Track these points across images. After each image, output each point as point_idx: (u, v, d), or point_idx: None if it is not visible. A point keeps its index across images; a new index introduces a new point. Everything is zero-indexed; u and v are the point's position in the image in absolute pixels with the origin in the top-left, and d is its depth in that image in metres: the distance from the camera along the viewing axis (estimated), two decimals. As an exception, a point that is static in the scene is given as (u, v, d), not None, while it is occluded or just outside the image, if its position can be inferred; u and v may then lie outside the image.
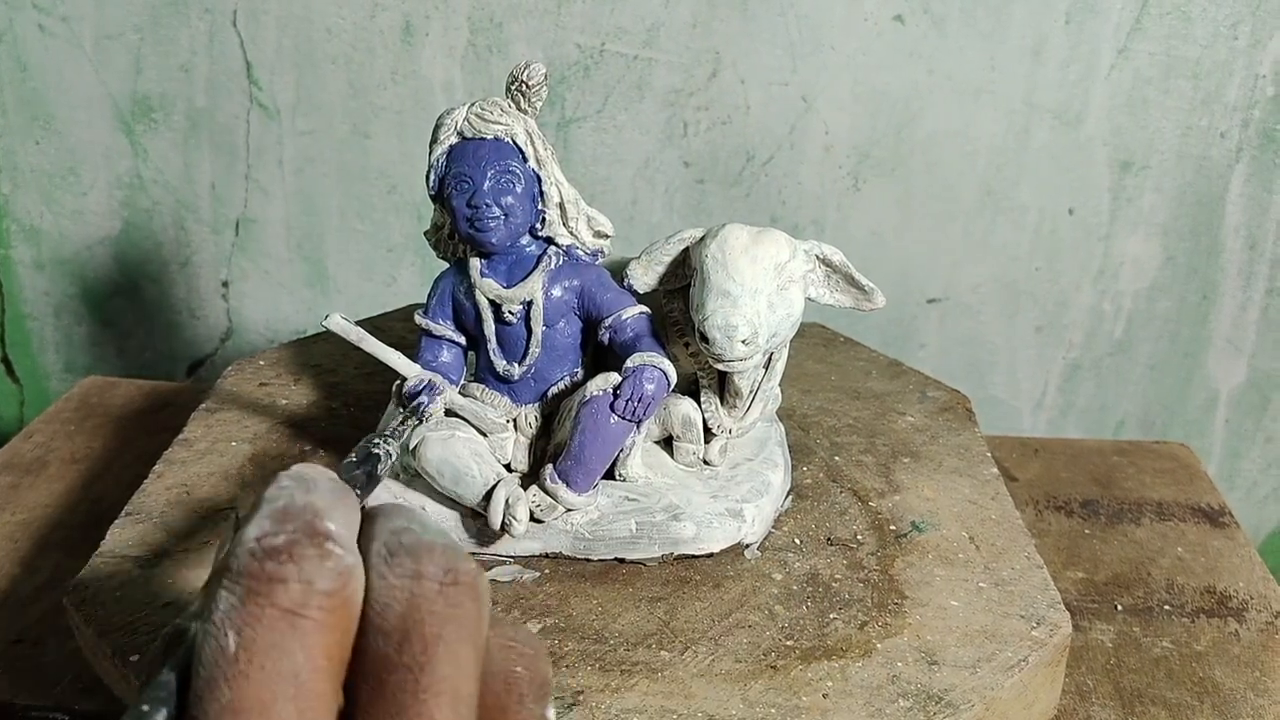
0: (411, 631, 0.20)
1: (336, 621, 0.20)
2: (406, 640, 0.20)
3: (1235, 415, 0.97)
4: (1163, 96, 0.86)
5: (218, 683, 0.19)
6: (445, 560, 0.22)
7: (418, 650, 0.20)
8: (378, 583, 0.21)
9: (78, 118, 0.93)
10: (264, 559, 0.20)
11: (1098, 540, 0.63)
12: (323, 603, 0.20)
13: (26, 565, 0.59)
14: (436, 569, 0.21)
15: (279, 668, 0.19)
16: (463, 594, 0.21)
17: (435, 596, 0.21)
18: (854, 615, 0.46)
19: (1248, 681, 0.52)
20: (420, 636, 0.20)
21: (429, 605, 0.21)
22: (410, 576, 0.21)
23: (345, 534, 0.21)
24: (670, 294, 0.52)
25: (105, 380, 0.80)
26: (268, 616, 0.20)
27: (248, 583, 0.20)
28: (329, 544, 0.21)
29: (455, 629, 0.21)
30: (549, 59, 0.87)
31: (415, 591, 0.21)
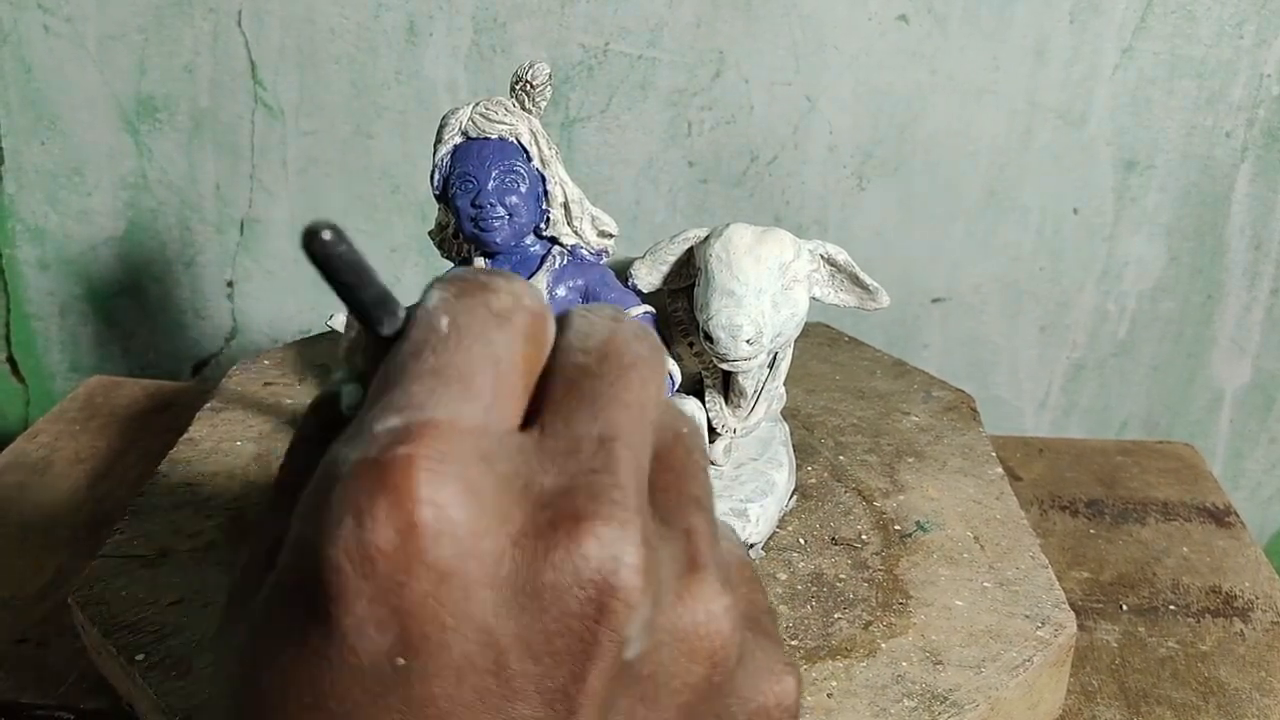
0: (610, 354, 0.22)
1: (535, 335, 0.22)
2: (605, 359, 0.22)
3: (1240, 415, 0.97)
4: (1167, 96, 0.86)
5: (424, 351, 0.21)
6: (638, 322, 0.24)
7: (614, 365, 0.22)
8: (579, 320, 0.23)
9: (82, 118, 0.93)
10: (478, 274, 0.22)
11: (1102, 540, 0.63)
12: (527, 316, 0.22)
13: (31, 564, 0.59)
14: (633, 324, 0.24)
15: (484, 350, 0.21)
16: (652, 348, 0.23)
17: (631, 339, 0.23)
18: (858, 615, 0.46)
19: (1253, 681, 0.52)
20: (618, 358, 0.22)
21: (626, 341, 0.23)
22: (611, 318, 0.23)
23: None
24: (674, 293, 0.52)
25: (110, 380, 0.80)
26: (479, 311, 0.21)
27: (464, 285, 0.22)
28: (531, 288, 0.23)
29: (646, 365, 0.22)
30: (553, 59, 0.87)
31: (615, 329, 0.23)
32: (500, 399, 0.21)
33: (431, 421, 0.19)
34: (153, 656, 0.44)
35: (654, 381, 0.23)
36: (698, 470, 0.24)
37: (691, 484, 0.23)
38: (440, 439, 0.19)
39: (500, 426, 0.21)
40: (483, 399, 0.20)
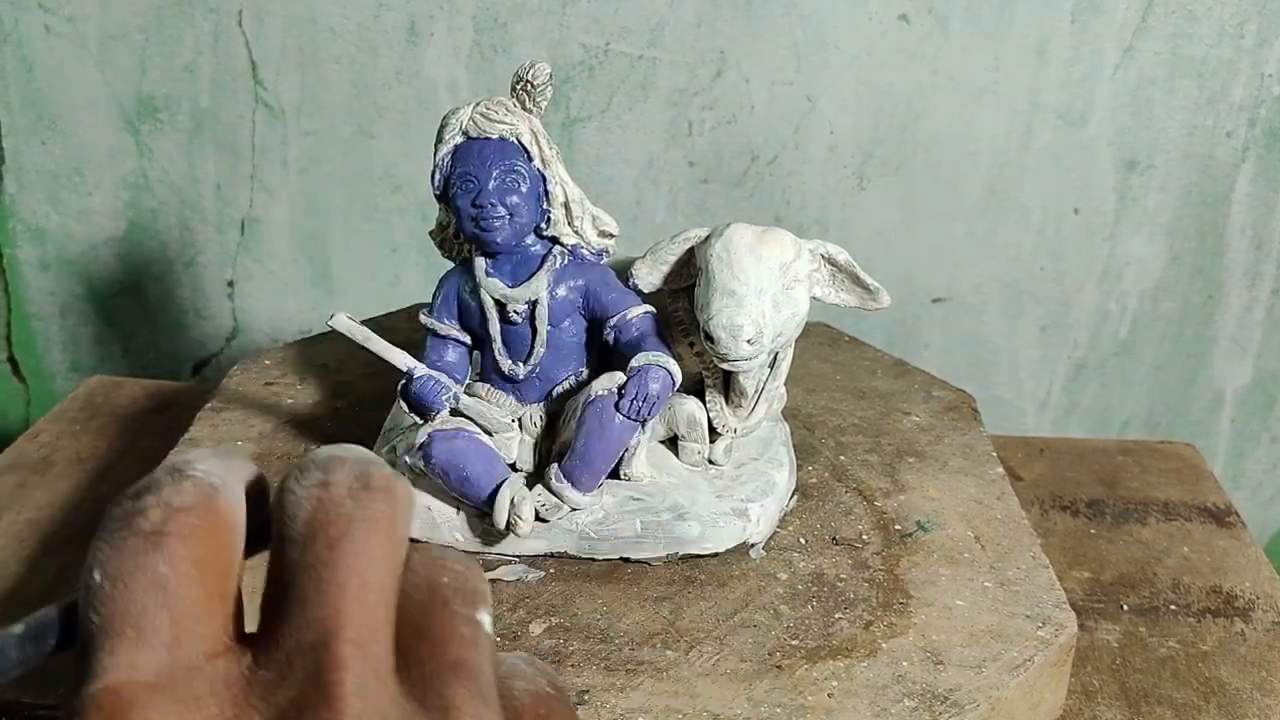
0: (316, 533, 0.20)
1: (202, 534, 0.20)
2: (311, 541, 0.20)
3: (1241, 415, 0.97)
4: (1168, 96, 0.86)
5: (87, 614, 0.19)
6: (356, 468, 0.21)
7: (321, 548, 0.20)
8: (287, 498, 0.21)
9: (83, 118, 0.93)
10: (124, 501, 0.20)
11: (1103, 540, 0.63)
12: (183, 518, 0.20)
13: (32, 564, 0.59)
14: (346, 475, 0.21)
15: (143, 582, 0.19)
16: (374, 496, 0.21)
17: (343, 499, 0.20)
18: (859, 615, 0.46)
19: (1254, 681, 0.52)
20: (325, 536, 0.20)
21: (336, 508, 0.20)
22: (318, 485, 0.21)
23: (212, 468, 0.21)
24: (675, 293, 0.52)
25: (111, 380, 0.80)
26: (129, 544, 0.19)
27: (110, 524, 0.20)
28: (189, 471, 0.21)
29: (363, 526, 0.20)
30: (553, 59, 0.87)
31: (322, 497, 0.20)
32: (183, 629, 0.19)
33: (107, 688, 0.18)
34: (153, 656, 0.44)
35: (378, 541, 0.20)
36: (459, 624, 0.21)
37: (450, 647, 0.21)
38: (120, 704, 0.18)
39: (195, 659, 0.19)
40: (160, 637, 0.19)
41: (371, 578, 0.20)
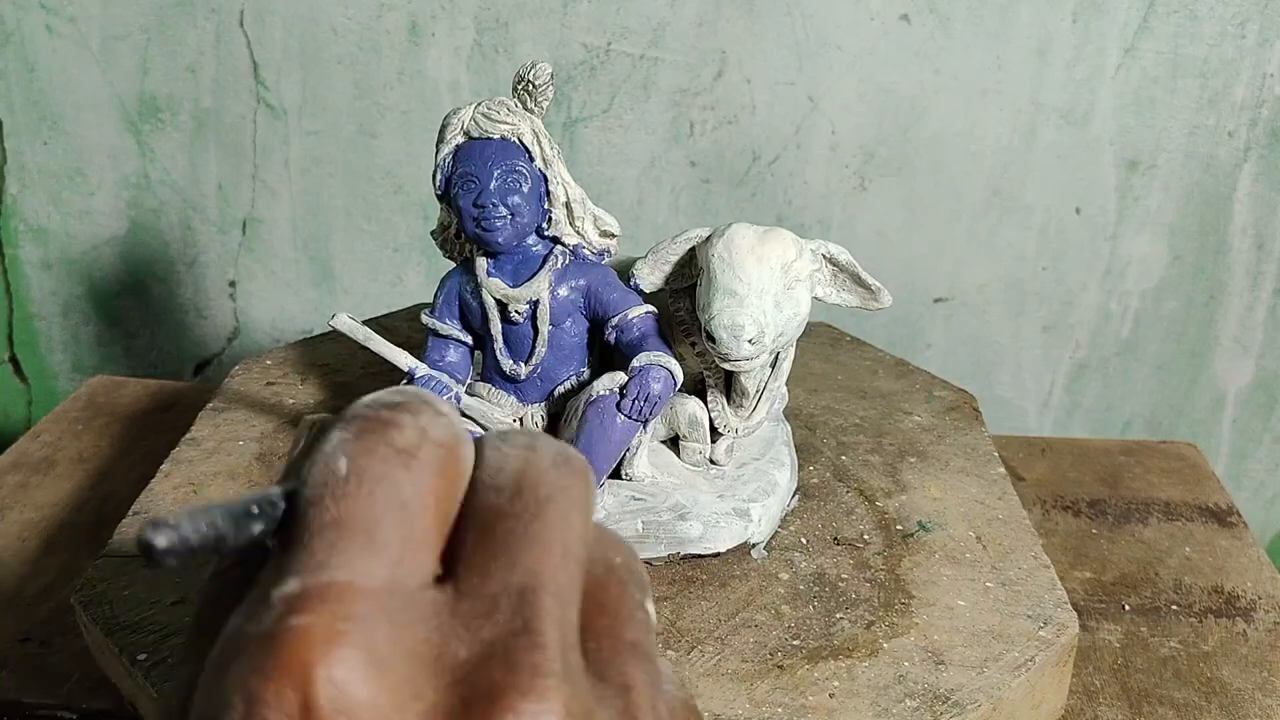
0: (525, 488, 0.20)
1: (446, 470, 0.20)
2: (519, 494, 0.20)
3: (1243, 415, 0.97)
4: (1170, 96, 0.86)
5: (324, 500, 0.19)
6: (558, 446, 0.22)
7: (529, 502, 0.20)
8: (492, 453, 0.21)
9: (85, 118, 0.93)
10: (380, 408, 0.20)
11: (1105, 540, 0.63)
12: (435, 450, 0.20)
13: (34, 564, 0.59)
14: (550, 449, 0.22)
15: (388, 495, 0.19)
16: (575, 473, 0.21)
17: (548, 468, 0.21)
18: (860, 615, 0.46)
19: (1255, 681, 0.52)
20: (534, 493, 0.20)
21: (542, 472, 0.21)
22: (525, 448, 0.21)
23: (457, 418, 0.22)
24: (676, 293, 0.52)
25: (112, 380, 0.80)
26: (381, 451, 0.20)
27: (362, 423, 0.20)
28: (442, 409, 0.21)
29: (565, 496, 0.21)
30: (555, 59, 0.87)
31: (530, 459, 0.21)
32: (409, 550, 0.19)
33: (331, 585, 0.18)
34: (154, 656, 0.44)
35: (577, 513, 0.21)
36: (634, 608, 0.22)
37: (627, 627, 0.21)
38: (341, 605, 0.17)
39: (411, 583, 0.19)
40: (389, 552, 0.19)
41: (572, 544, 0.20)
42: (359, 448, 0.20)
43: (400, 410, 0.21)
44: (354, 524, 0.19)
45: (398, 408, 0.21)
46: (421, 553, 0.19)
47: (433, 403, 0.21)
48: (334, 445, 0.20)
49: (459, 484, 0.21)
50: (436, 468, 0.20)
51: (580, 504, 0.21)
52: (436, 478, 0.20)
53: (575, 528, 0.20)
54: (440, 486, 0.20)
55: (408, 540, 0.19)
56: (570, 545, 0.20)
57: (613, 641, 0.21)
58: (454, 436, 0.21)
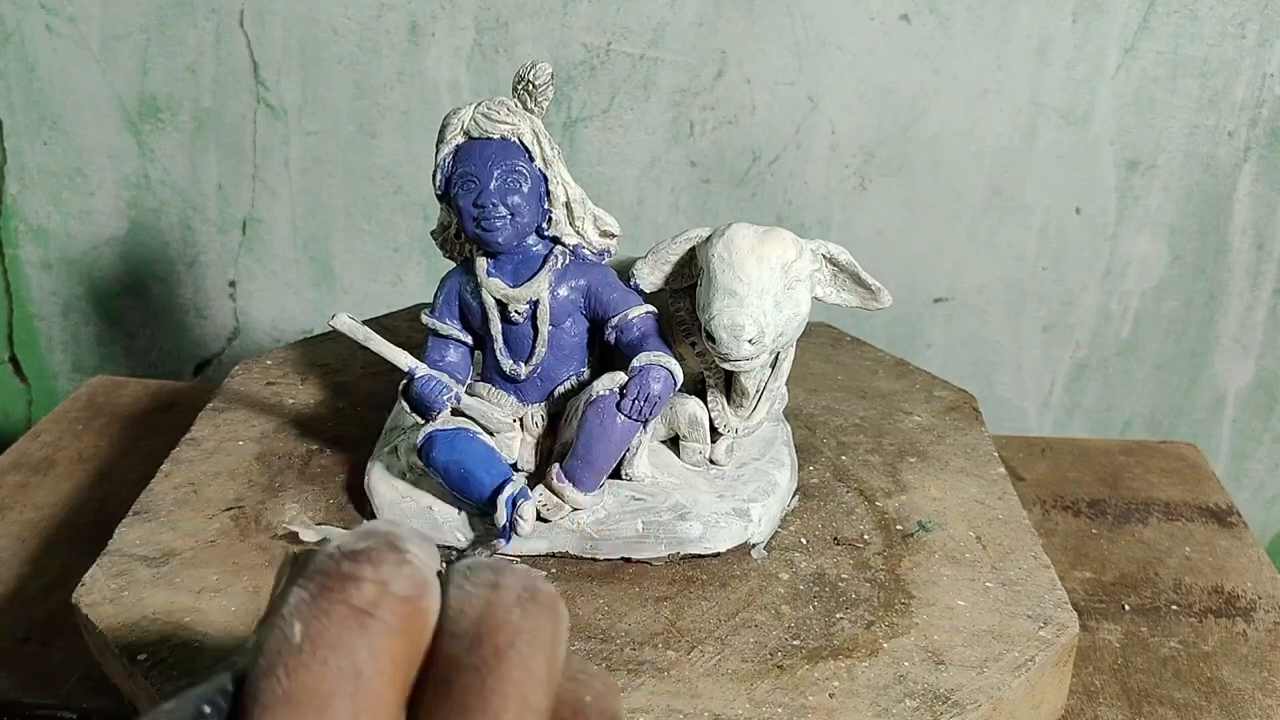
0: (484, 635, 0.20)
1: (407, 629, 0.20)
2: (478, 643, 0.20)
3: (1243, 415, 0.97)
4: (1170, 96, 0.86)
5: (276, 671, 0.19)
6: (525, 579, 0.21)
7: (488, 653, 0.20)
8: (455, 593, 0.21)
9: (85, 118, 0.93)
10: (341, 560, 0.20)
11: (1105, 540, 0.63)
12: (395, 607, 0.20)
13: (34, 564, 0.59)
14: (515, 584, 0.21)
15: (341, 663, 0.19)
16: (540, 611, 0.21)
17: (511, 607, 0.21)
18: (860, 615, 0.46)
19: (1256, 681, 0.52)
20: (492, 641, 0.20)
21: (505, 614, 0.20)
22: (488, 586, 0.21)
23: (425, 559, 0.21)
24: (677, 293, 0.52)
25: (112, 380, 0.80)
26: (337, 612, 0.19)
27: (321, 579, 0.20)
28: (408, 556, 0.21)
29: (529, 639, 0.20)
30: (555, 59, 0.87)
31: (492, 600, 0.21)
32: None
33: None
34: (155, 656, 0.44)
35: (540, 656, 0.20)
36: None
37: None
38: None
39: None
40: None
41: (532, 695, 0.20)
42: (315, 609, 0.19)
43: (360, 561, 0.20)
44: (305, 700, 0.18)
45: (358, 557, 0.20)
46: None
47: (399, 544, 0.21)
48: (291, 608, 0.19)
49: (422, 638, 0.20)
50: (396, 627, 0.19)
51: (545, 646, 0.20)
52: (395, 638, 0.19)
53: (538, 674, 0.20)
54: (398, 647, 0.20)
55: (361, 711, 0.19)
56: (530, 696, 0.20)
57: None
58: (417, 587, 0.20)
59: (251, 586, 0.47)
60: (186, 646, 0.44)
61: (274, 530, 0.51)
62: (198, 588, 0.47)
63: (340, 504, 0.53)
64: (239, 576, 0.48)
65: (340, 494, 0.54)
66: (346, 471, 0.56)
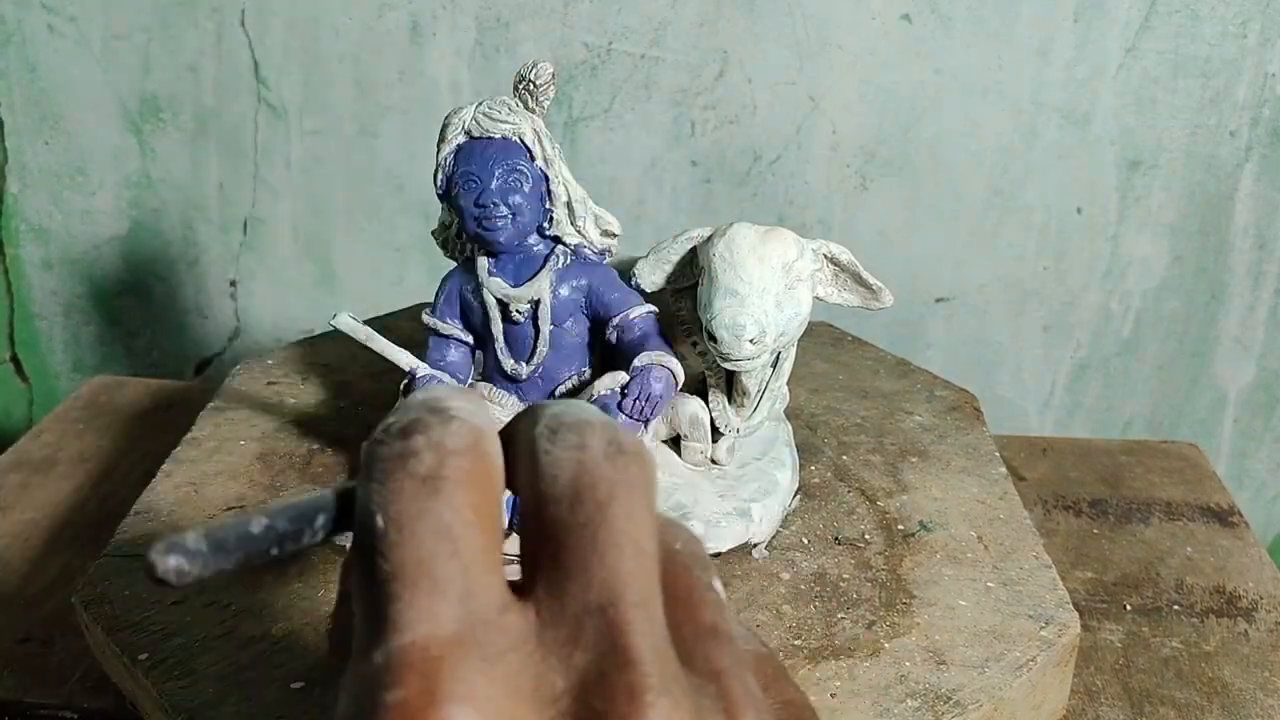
0: (583, 493, 0.20)
1: (476, 477, 0.20)
2: (579, 502, 0.20)
3: (1244, 415, 0.97)
4: (1171, 95, 0.85)
5: (374, 561, 0.19)
6: (607, 432, 0.21)
7: (591, 509, 0.20)
8: (543, 458, 0.21)
9: (86, 118, 0.93)
10: (392, 441, 0.20)
11: (1106, 540, 0.63)
12: (458, 462, 0.20)
13: (35, 564, 0.59)
14: (599, 440, 0.21)
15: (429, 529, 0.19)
16: (629, 461, 0.21)
17: (601, 461, 0.21)
18: (862, 615, 0.46)
19: (1257, 682, 0.52)
20: (592, 498, 0.20)
21: (597, 470, 0.20)
22: (575, 448, 0.21)
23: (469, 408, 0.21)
24: (678, 293, 0.52)
25: (114, 379, 0.80)
26: (407, 488, 0.19)
27: (382, 465, 0.20)
28: (451, 411, 0.21)
29: (626, 491, 0.20)
30: (556, 58, 0.87)
31: (581, 459, 0.21)
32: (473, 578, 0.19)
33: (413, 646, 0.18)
34: (156, 656, 0.44)
35: (640, 504, 0.20)
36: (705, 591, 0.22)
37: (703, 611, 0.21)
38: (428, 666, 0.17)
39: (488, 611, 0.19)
40: (455, 587, 0.19)
41: (643, 541, 0.20)
42: (387, 494, 0.19)
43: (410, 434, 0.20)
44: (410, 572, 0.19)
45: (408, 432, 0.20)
46: (486, 574, 0.19)
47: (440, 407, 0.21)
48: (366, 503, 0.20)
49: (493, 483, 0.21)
50: (467, 480, 0.20)
51: (642, 493, 0.21)
52: (469, 491, 0.20)
53: (642, 522, 0.20)
54: (475, 498, 0.20)
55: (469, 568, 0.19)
56: (641, 543, 0.20)
57: (693, 629, 0.21)
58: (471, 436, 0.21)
59: (253, 586, 0.47)
60: (187, 646, 0.44)
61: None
62: (199, 588, 0.47)
63: (341, 504, 0.53)
64: (240, 576, 0.48)
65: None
66: (348, 471, 0.56)
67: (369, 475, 0.20)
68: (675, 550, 0.22)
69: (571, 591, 0.19)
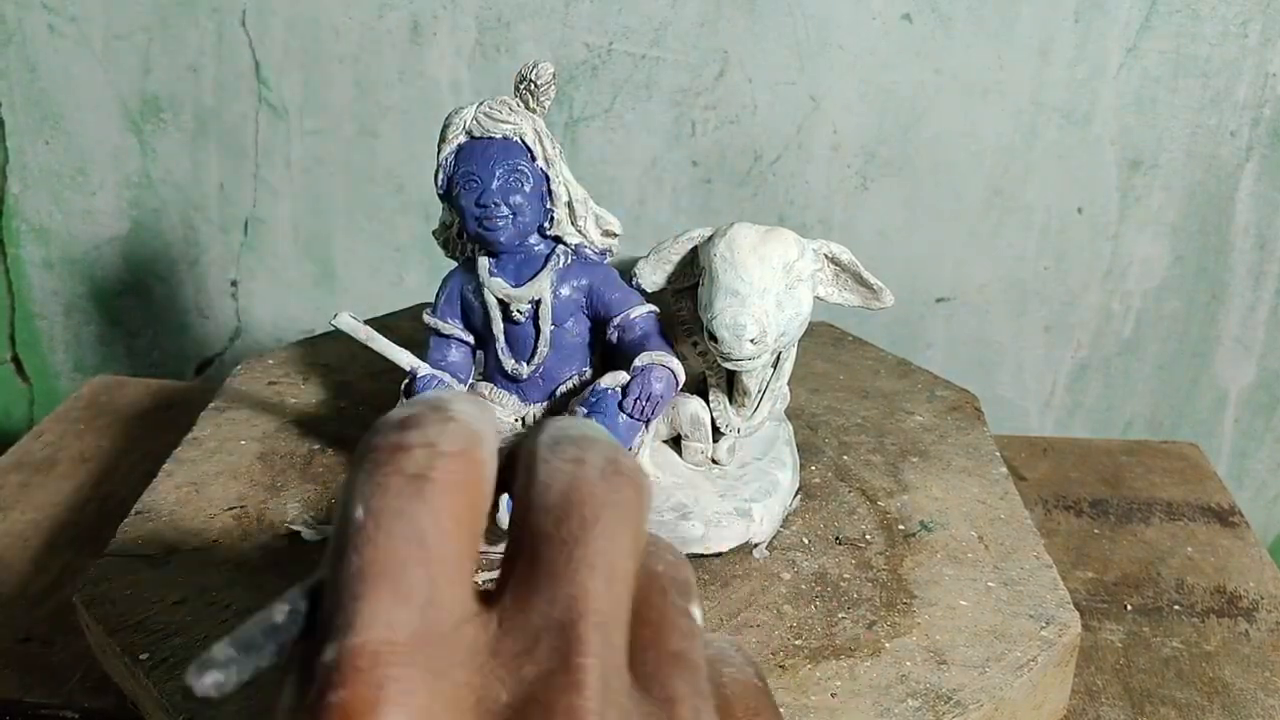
0: (571, 509, 0.20)
1: (463, 483, 0.20)
2: (565, 516, 0.20)
3: (1244, 415, 0.97)
4: (1172, 95, 0.85)
5: (346, 552, 0.19)
6: (609, 451, 0.21)
7: (575, 526, 0.20)
8: (541, 466, 0.21)
9: (86, 118, 0.93)
10: (389, 432, 0.20)
11: (1107, 540, 0.63)
12: (448, 464, 0.20)
13: (36, 564, 0.59)
14: (599, 458, 0.21)
15: (405, 531, 0.19)
16: (624, 483, 0.21)
17: (596, 480, 0.21)
18: (862, 615, 0.46)
19: (1258, 682, 0.52)
20: (579, 514, 0.20)
21: (590, 488, 0.20)
22: (573, 461, 0.21)
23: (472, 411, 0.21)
24: (678, 293, 0.52)
25: (114, 379, 0.80)
26: (393, 484, 0.19)
27: (373, 456, 0.20)
28: (453, 413, 0.21)
29: (614, 512, 0.20)
30: (556, 58, 0.87)
31: (577, 474, 0.21)
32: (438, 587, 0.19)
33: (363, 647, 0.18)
34: (156, 656, 0.44)
35: (626, 528, 0.20)
36: (677, 616, 0.21)
37: (671, 637, 0.21)
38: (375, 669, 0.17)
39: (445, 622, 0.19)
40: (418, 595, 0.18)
41: (619, 564, 0.20)
42: (372, 486, 0.19)
43: (407, 429, 0.20)
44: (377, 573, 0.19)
45: (405, 424, 0.20)
46: (452, 585, 0.19)
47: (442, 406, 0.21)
48: (351, 490, 0.20)
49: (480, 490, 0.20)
50: (453, 484, 0.20)
51: (631, 517, 0.21)
52: (454, 495, 0.20)
53: (623, 546, 0.20)
54: (459, 504, 0.20)
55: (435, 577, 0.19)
56: (617, 566, 0.20)
57: (656, 654, 0.21)
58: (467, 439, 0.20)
59: (254, 586, 0.47)
60: (188, 646, 0.44)
61: (276, 530, 0.51)
62: (200, 587, 0.47)
63: (342, 503, 0.53)
64: (241, 576, 0.48)
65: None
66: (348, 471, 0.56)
67: (360, 462, 0.20)
68: (657, 573, 0.22)
69: (536, 604, 0.19)
